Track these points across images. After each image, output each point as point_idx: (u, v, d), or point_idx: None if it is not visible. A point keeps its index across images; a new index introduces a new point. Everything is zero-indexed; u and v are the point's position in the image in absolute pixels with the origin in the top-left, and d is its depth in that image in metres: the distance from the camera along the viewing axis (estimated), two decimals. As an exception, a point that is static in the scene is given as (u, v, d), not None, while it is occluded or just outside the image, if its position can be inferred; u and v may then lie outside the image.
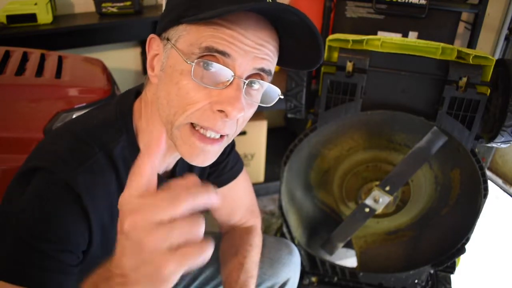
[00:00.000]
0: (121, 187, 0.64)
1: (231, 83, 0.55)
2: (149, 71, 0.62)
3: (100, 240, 0.62)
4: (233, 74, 0.55)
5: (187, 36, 0.55)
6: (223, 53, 0.54)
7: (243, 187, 0.94)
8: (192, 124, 0.58)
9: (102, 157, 0.61)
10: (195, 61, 0.54)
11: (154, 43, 0.62)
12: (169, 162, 0.72)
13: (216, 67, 0.54)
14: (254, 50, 0.55)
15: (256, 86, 0.59)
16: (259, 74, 0.58)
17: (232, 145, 0.89)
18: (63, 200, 0.57)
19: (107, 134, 0.63)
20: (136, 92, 0.69)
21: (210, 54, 0.54)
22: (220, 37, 0.54)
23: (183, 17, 0.55)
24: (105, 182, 0.62)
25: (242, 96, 0.56)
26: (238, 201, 0.95)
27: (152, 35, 0.62)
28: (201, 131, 0.58)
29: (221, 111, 0.56)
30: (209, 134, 0.58)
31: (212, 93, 0.56)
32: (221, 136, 0.60)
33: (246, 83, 0.56)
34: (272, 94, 0.63)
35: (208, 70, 0.55)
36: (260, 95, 0.61)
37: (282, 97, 0.63)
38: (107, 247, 0.64)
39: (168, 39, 0.58)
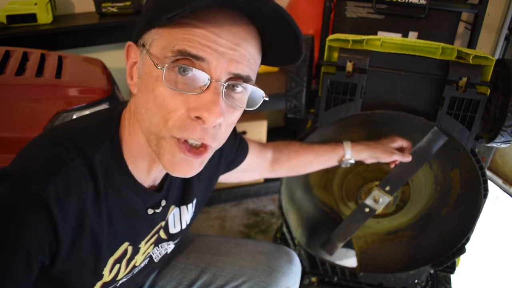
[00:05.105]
0: (98, 195, 0.60)
1: (208, 87, 0.52)
2: (128, 80, 0.60)
3: (68, 247, 0.58)
4: (209, 78, 0.52)
5: (160, 39, 0.53)
6: (196, 57, 0.51)
7: (254, 150, 0.98)
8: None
9: (80, 164, 0.57)
10: (166, 65, 0.51)
11: (131, 51, 0.59)
12: (156, 176, 0.69)
13: (190, 71, 0.52)
14: (229, 51, 0.52)
15: (239, 89, 0.56)
16: (240, 77, 0.55)
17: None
18: (27, 210, 0.53)
19: (89, 140, 0.60)
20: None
21: (184, 57, 0.51)
22: (193, 39, 0.50)
23: (154, 20, 0.53)
24: (79, 191, 0.57)
25: (221, 100, 0.53)
26: (260, 158, 1.01)
27: (129, 43, 0.59)
28: (189, 141, 0.56)
29: (198, 117, 0.53)
30: (191, 141, 0.56)
31: (189, 99, 0.53)
32: (204, 145, 0.56)
33: (225, 86, 0.53)
34: (256, 96, 0.59)
35: (183, 75, 0.52)
36: (246, 98, 0.59)
37: (266, 99, 0.60)
38: (73, 255, 0.59)
39: (143, 45, 0.56)
